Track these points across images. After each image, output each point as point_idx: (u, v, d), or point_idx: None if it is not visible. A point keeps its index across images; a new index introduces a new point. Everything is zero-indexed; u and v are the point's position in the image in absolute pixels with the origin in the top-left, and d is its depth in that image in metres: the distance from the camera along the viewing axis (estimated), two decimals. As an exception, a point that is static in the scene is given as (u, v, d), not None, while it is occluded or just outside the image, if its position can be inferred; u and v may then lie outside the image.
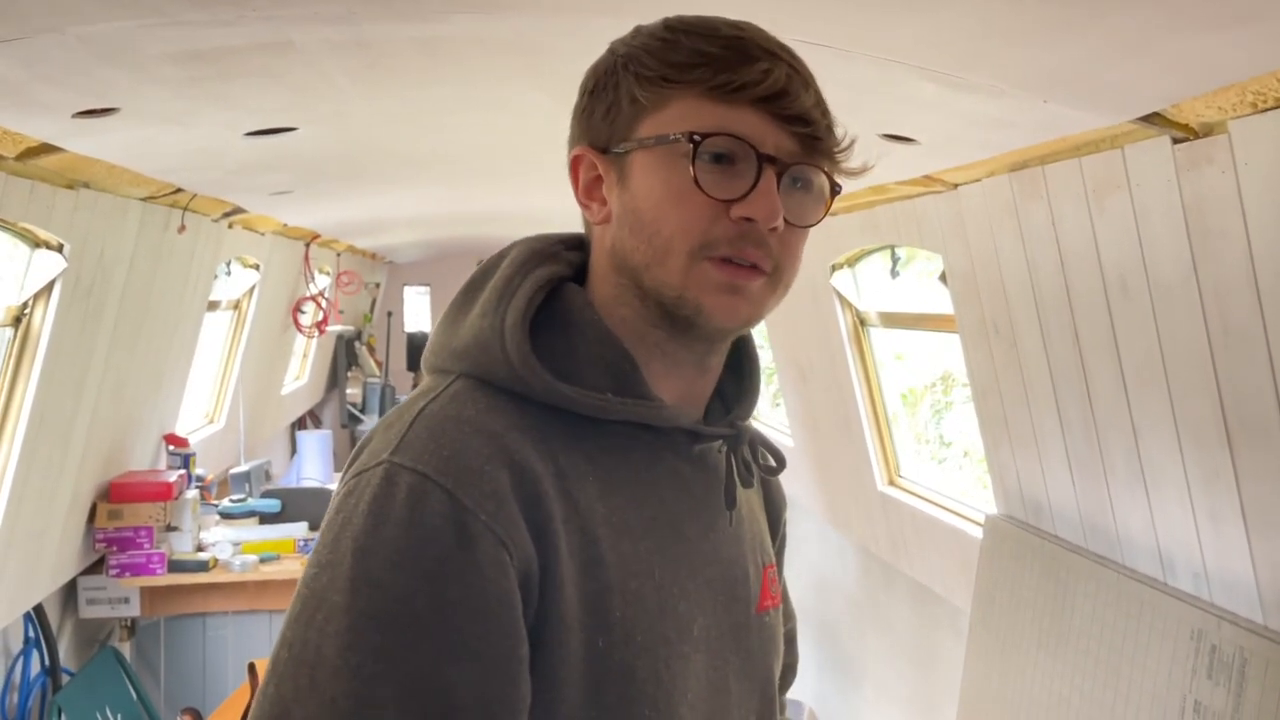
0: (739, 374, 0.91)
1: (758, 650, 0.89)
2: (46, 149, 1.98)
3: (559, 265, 0.85)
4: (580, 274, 0.86)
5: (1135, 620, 1.94)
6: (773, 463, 0.92)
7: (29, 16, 1.29)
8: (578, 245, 0.88)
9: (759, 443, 0.91)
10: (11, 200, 2.09)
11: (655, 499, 0.82)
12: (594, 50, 0.86)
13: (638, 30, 0.83)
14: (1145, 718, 1.87)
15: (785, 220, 0.79)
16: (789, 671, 1.04)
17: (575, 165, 0.84)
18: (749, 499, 0.94)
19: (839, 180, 0.82)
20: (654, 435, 0.82)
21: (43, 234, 2.34)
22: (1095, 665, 2.03)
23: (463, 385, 0.80)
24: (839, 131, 0.81)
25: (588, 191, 0.84)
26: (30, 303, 2.42)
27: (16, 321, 2.41)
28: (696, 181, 0.77)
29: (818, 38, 1.41)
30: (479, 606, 0.71)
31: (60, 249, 2.40)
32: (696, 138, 0.77)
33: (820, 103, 0.80)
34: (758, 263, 0.79)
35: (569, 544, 0.75)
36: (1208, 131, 1.52)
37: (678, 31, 0.80)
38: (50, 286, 2.43)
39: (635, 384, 0.81)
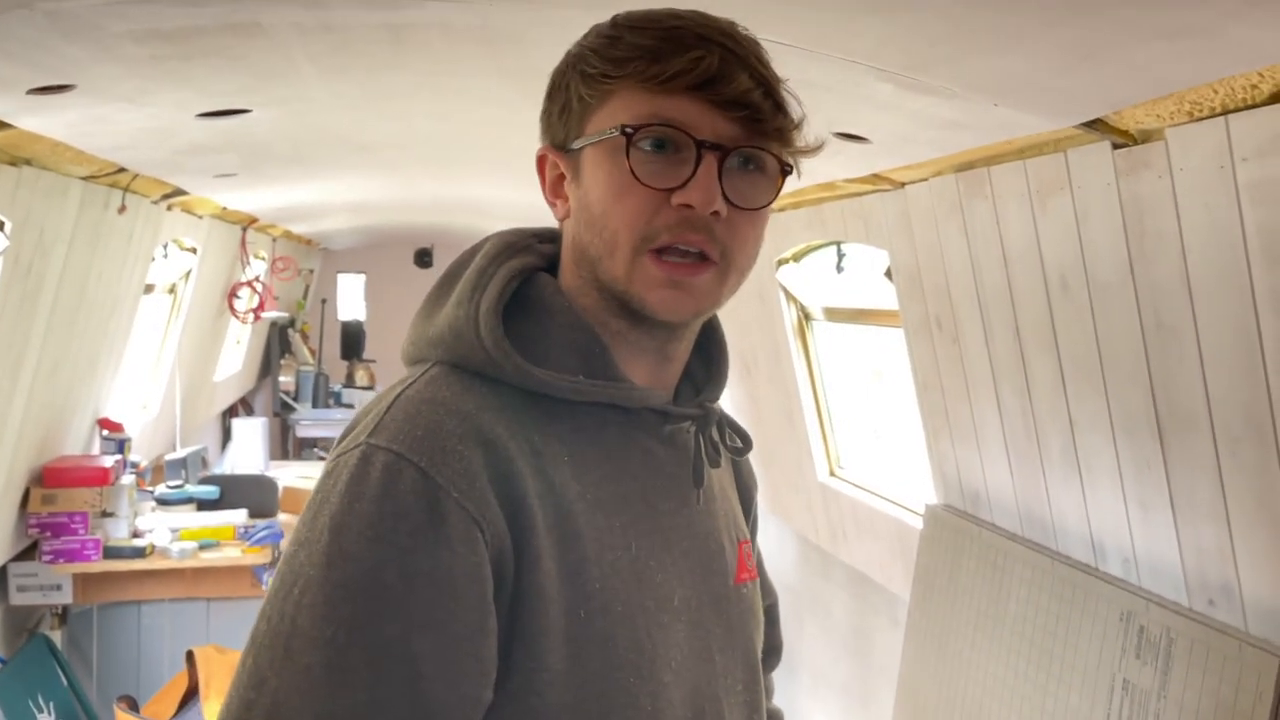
0: (707, 357, 0.95)
1: (738, 620, 0.93)
2: (-7, 125, 1.94)
3: (531, 257, 0.88)
4: (553, 266, 0.89)
5: (1068, 604, 2.02)
6: (739, 444, 0.96)
7: (-3, -10, 1.27)
8: (550, 239, 0.91)
9: (726, 424, 0.95)
10: (-44, 176, 2.04)
11: (628, 476, 0.85)
12: (560, 40, 0.88)
13: (591, 29, 0.85)
14: (1077, 696, 1.96)
15: (732, 204, 0.80)
16: (773, 654, 1.07)
17: (541, 164, 0.87)
18: (720, 478, 0.97)
19: (787, 160, 0.83)
20: (625, 416, 0.85)
21: (-17, 212, 2.29)
22: (1030, 647, 2.12)
23: (438, 371, 0.83)
24: (793, 112, 0.82)
25: (553, 189, 0.87)
26: (-31, 282, 2.36)
27: (-46, 300, 2.36)
28: (633, 173, 0.79)
29: (782, 37, 1.45)
30: (447, 580, 0.73)
31: (1, 227, 2.35)
32: (629, 130, 0.79)
33: (764, 84, 0.80)
34: (703, 248, 0.80)
35: (545, 519, 0.78)
36: (1146, 138, 1.60)
37: (621, 27, 0.82)
38: (-10, 265, 2.37)
39: (605, 366, 0.84)
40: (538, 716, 0.78)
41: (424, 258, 7.80)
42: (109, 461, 3.27)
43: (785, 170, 0.83)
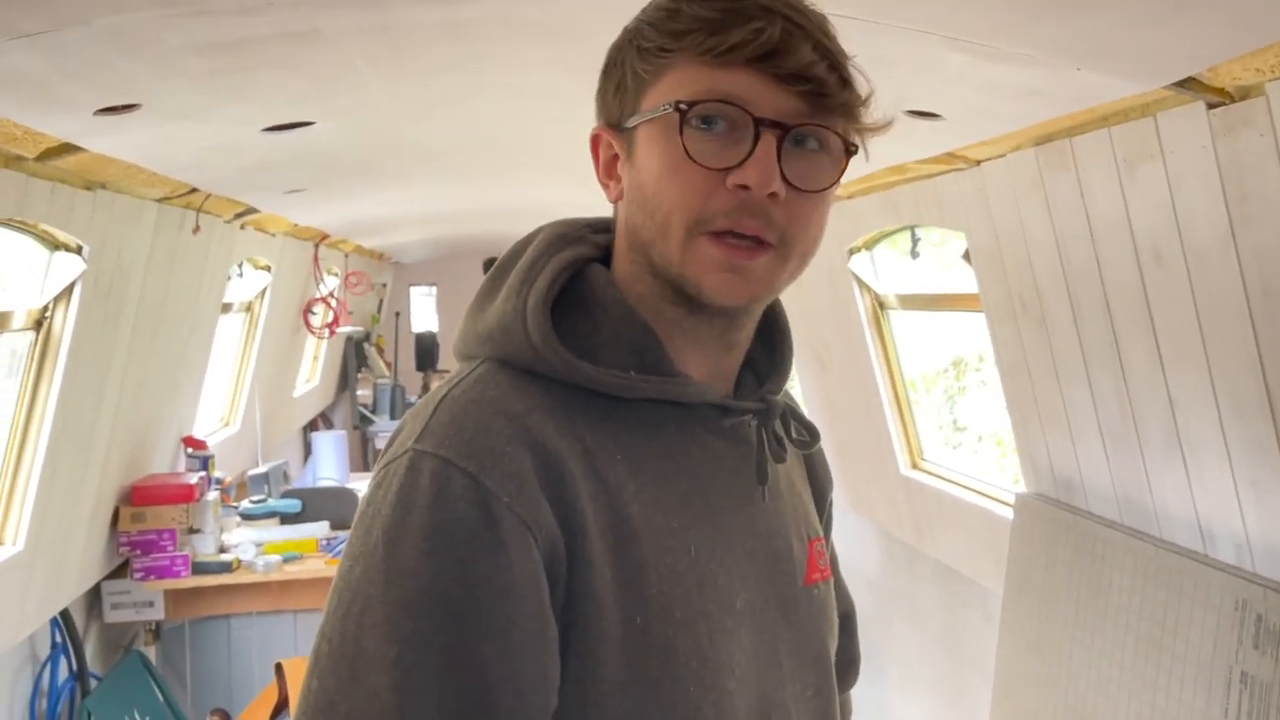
0: (770, 345, 0.90)
1: (808, 623, 0.87)
2: (66, 149, 1.97)
3: (584, 247, 0.84)
4: (607, 257, 0.85)
5: (1176, 593, 1.92)
6: (805, 436, 0.90)
7: (58, 8, 1.28)
8: (605, 228, 0.87)
9: (791, 416, 0.89)
10: (33, 202, 2.08)
11: (686, 474, 0.81)
12: (618, 28, 0.84)
13: (649, 3, 0.80)
14: (1191, 691, 1.85)
15: (791, 185, 0.75)
16: (849, 669, 1.01)
17: (595, 144, 0.83)
18: (789, 473, 0.92)
19: (853, 139, 0.78)
20: (682, 411, 0.81)
21: (62, 236, 2.33)
22: (1136, 640, 2.02)
23: (487, 369, 0.79)
24: (860, 87, 0.77)
25: (606, 170, 0.83)
26: (51, 306, 2.41)
27: (38, 325, 2.41)
28: (686, 151, 0.75)
29: (843, 9, 1.39)
30: (505, 587, 0.71)
31: (79, 251, 2.39)
32: (682, 106, 0.75)
33: (829, 57, 0.75)
34: (758, 233, 0.75)
35: (598, 522, 0.75)
36: (1244, 95, 1.50)
37: (679, 1, 0.77)
38: (70, 289, 2.42)
39: (659, 360, 0.80)
40: None
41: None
42: (194, 479, 3.33)
43: (850, 150, 0.78)
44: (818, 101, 0.75)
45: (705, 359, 0.83)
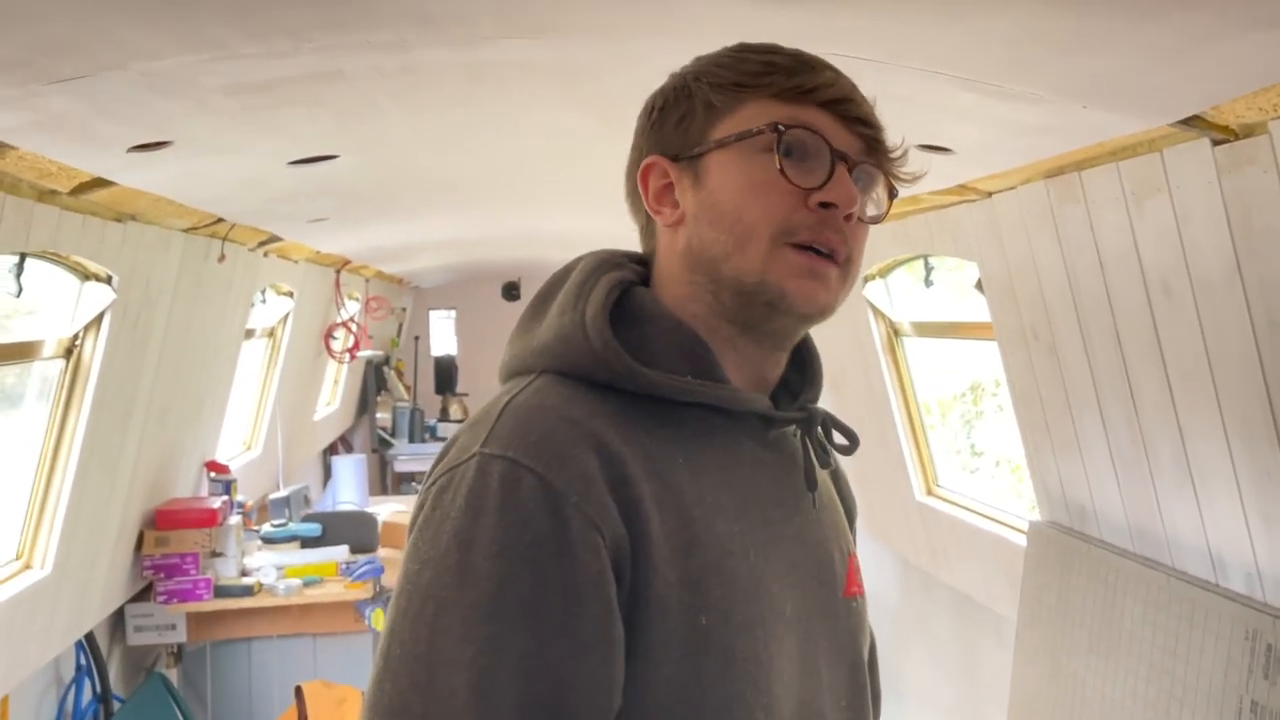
0: (800, 365, 0.94)
1: (846, 634, 0.91)
2: (98, 183, 2.02)
3: (626, 272, 0.89)
4: (645, 282, 0.89)
5: (1188, 622, 1.93)
6: (845, 441, 0.94)
7: (96, 53, 1.33)
8: (639, 261, 0.92)
9: (831, 423, 0.93)
10: (66, 234, 2.14)
11: (740, 482, 0.85)
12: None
13: (699, 57, 0.89)
14: (1201, 719, 1.86)
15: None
16: (874, 702, 1.02)
17: (645, 174, 0.88)
18: (828, 487, 0.96)
19: (895, 185, 0.88)
20: (730, 421, 0.85)
21: (93, 266, 2.39)
22: (1149, 669, 2.03)
23: (545, 380, 0.83)
24: (893, 141, 0.87)
25: (658, 198, 0.88)
26: (81, 334, 2.47)
27: (68, 353, 2.46)
28: (782, 170, 0.82)
29: (857, 51, 1.44)
30: (575, 588, 0.73)
31: (109, 281, 2.45)
32: (781, 127, 0.82)
33: (875, 114, 0.87)
34: (835, 249, 0.83)
35: (663, 524, 0.77)
36: (1248, 132, 1.53)
37: (745, 50, 0.87)
38: (100, 318, 2.48)
39: (710, 367, 0.84)
40: None
41: (511, 291, 7.91)
42: (217, 503, 3.38)
43: (892, 194, 0.88)
44: (874, 145, 0.86)
45: (750, 376, 0.87)
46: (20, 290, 2.14)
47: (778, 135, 0.82)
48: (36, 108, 1.50)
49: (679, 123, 0.86)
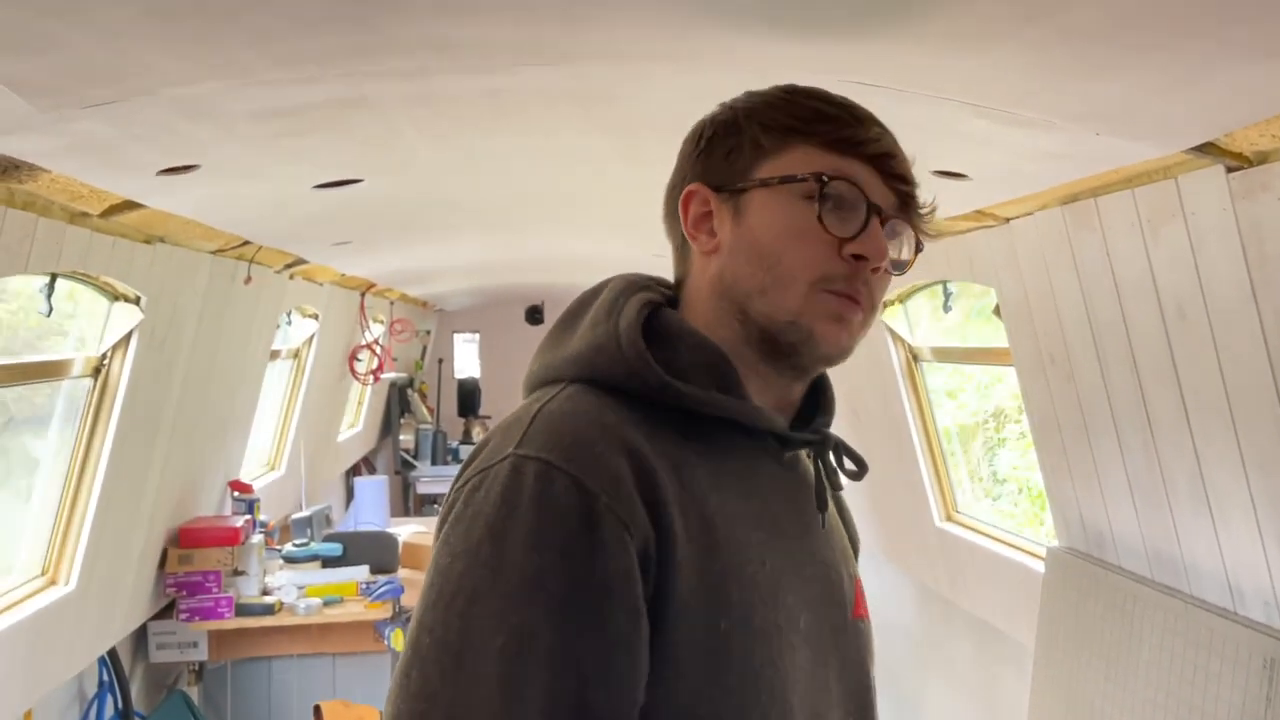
0: (813, 393, 0.97)
1: (854, 654, 0.93)
2: (128, 206, 2.07)
3: (653, 294, 0.92)
4: (673, 305, 0.93)
5: (1206, 650, 1.92)
6: (854, 467, 0.97)
7: (127, 79, 1.37)
8: (665, 285, 0.96)
9: (842, 449, 0.96)
10: (96, 256, 2.18)
11: (758, 495, 0.88)
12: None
13: (751, 92, 0.93)
14: (1220, 748, 1.85)
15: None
16: None
17: (687, 200, 0.92)
18: (835, 514, 0.98)
19: (921, 240, 0.93)
20: (749, 439, 0.88)
21: (122, 287, 2.44)
22: (1166, 697, 2.01)
23: (575, 388, 0.86)
24: (922, 197, 0.91)
25: (696, 224, 0.92)
26: (109, 354, 2.52)
27: (96, 372, 2.51)
28: (820, 219, 0.86)
29: (873, 79, 1.46)
30: (604, 584, 0.75)
31: (138, 301, 2.50)
32: (825, 178, 0.86)
33: (911, 172, 0.91)
34: (860, 299, 0.87)
35: (686, 528, 0.80)
36: (1262, 159, 1.54)
37: (796, 94, 0.91)
38: (128, 338, 2.52)
39: (734, 385, 0.87)
40: None
41: (535, 314, 7.96)
42: (239, 522, 3.41)
43: (919, 247, 0.93)
44: (907, 201, 0.90)
45: (771, 399, 0.91)
46: (50, 310, 2.18)
47: (820, 185, 0.86)
48: (68, 132, 1.54)
49: (726, 156, 0.90)
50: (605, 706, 0.75)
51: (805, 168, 0.87)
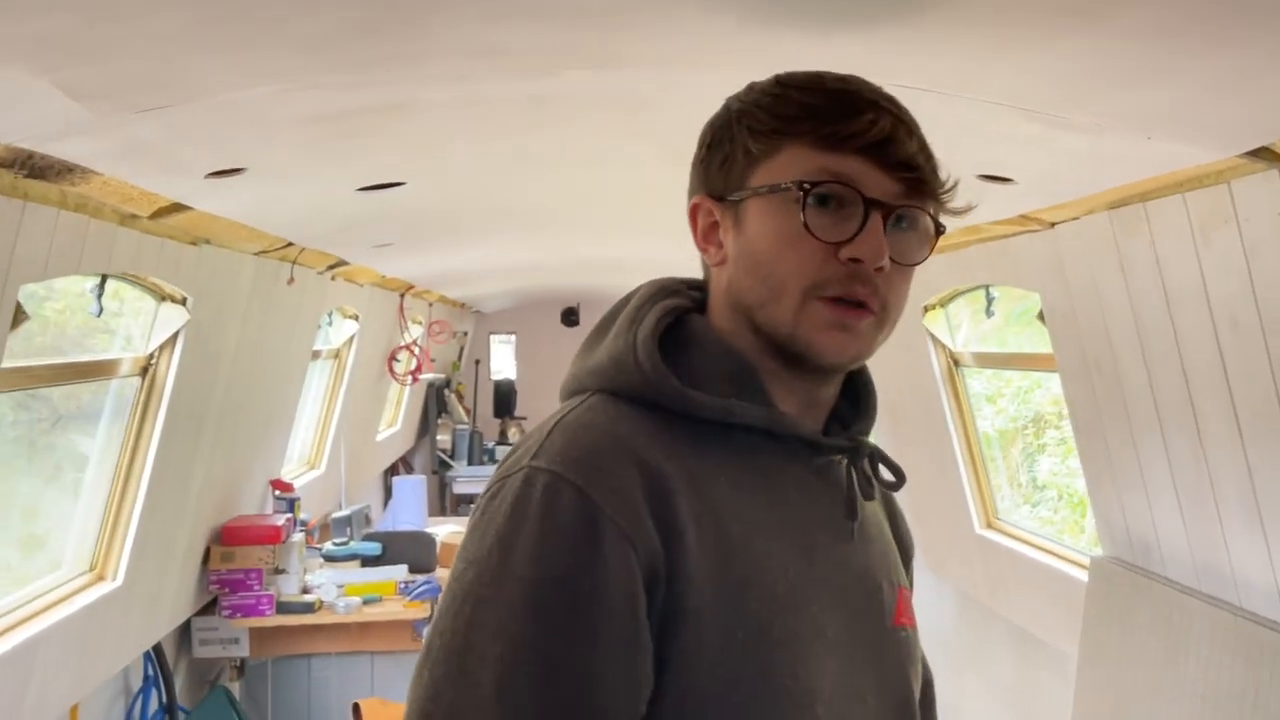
0: (854, 398, 0.94)
1: (894, 664, 0.90)
2: (176, 208, 2.10)
3: (682, 299, 0.91)
4: (701, 308, 0.92)
5: (1255, 664, 1.88)
6: (892, 478, 0.94)
7: (177, 86, 1.39)
8: (698, 286, 0.94)
9: (879, 458, 0.93)
10: (145, 257, 2.22)
11: (783, 503, 0.86)
12: (698, 103, 0.91)
13: (751, 87, 0.88)
14: (1271, 764, 1.81)
15: (891, 260, 0.83)
16: None
17: (694, 212, 0.90)
18: (878, 520, 0.96)
19: (942, 221, 0.86)
20: (778, 445, 0.86)
21: (169, 288, 2.47)
22: (1214, 712, 1.98)
23: (596, 399, 0.86)
24: (943, 174, 0.85)
25: (706, 236, 0.89)
26: (156, 353, 2.55)
27: (144, 372, 2.55)
28: (806, 226, 0.82)
29: (920, 82, 1.44)
30: (602, 595, 0.76)
31: (184, 302, 2.53)
32: (806, 185, 0.82)
33: (924, 148, 0.84)
34: (866, 301, 0.83)
35: (702, 540, 0.79)
36: (1318, 164, 1.51)
37: (788, 87, 0.86)
38: (175, 338, 2.56)
39: (756, 391, 0.86)
40: None
41: (570, 316, 7.98)
42: (281, 520, 3.45)
43: (939, 230, 0.87)
44: (916, 186, 0.84)
45: (799, 404, 0.88)
46: (100, 310, 2.22)
47: (803, 194, 0.82)
48: (121, 136, 1.57)
49: (722, 165, 0.87)
50: (603, 714, 0.76)
51: (794, 171, 0.83)
